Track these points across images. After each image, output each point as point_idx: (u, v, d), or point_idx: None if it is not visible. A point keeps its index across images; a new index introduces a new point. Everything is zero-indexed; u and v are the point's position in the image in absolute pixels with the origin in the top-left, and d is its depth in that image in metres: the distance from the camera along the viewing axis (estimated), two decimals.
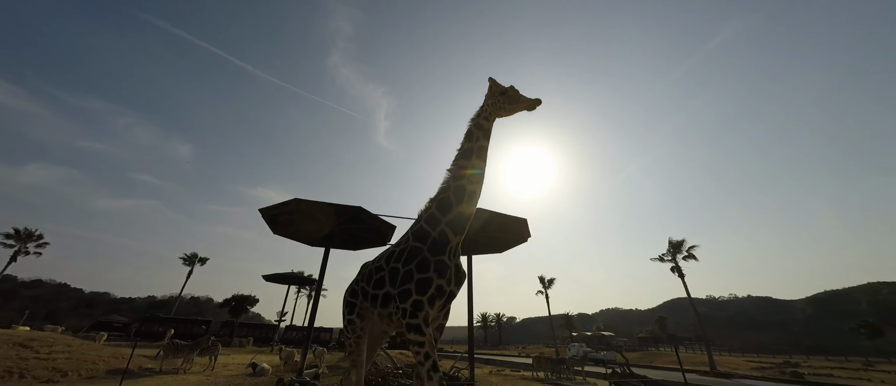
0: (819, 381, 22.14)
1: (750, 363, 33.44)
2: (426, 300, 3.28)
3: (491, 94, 4.32)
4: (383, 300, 3.75)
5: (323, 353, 16.46)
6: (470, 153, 4.04)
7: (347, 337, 4.27)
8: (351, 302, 4.27)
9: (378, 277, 3.90)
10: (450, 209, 3.79)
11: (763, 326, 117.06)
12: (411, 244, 3.77)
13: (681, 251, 33.92)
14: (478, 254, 14.11)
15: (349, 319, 4.18)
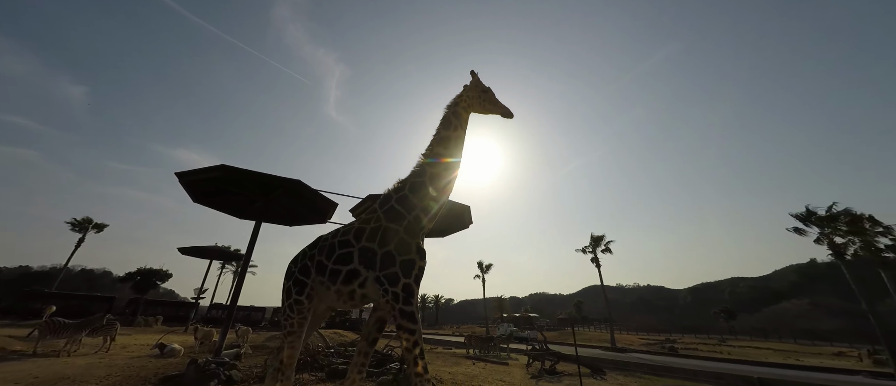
0: (687, 353, 27.56)
1: (641, 340, 40.05)
2: (413, 281, 3.35)
3: (473, 88, 4.33)
4: (347, 277, 3.56)
5: (247, 332, 15.43)
6: (447, 141, 4.05)
7: (290, 317, 3.76)
8: (301, 281, 3.76)
9: (343, 252, 3.64)
10: (425, 195, 3.82)
11: (655, 310, 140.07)
12: (385, 224, 3.67)
13: (600, 245, 38.54)
14: (432, 237, 14.34)
15: (296, 300, 3.71)
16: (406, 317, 3.17)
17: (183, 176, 8.56)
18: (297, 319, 3.72)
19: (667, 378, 15.86)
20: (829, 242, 24.66)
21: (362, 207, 10.99)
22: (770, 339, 46.33)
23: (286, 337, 3.80)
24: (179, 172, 8.50)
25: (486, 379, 10.46)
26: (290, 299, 3.75)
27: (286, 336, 3.80)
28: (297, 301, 3.70)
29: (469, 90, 4.34)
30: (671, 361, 21.36)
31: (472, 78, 4.46)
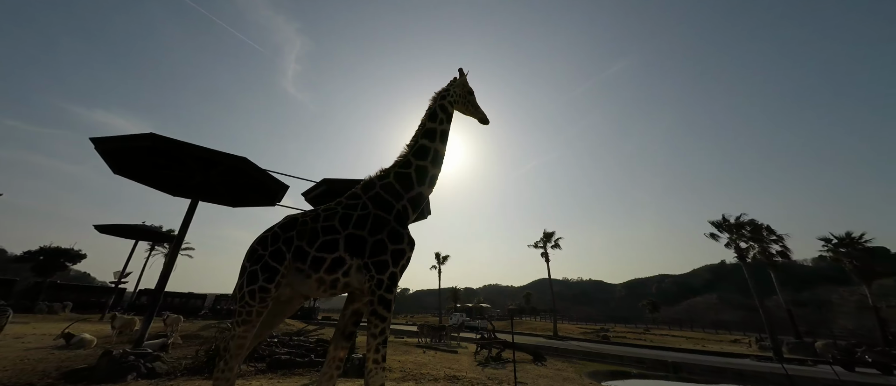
0: (617, 341, 30.63)
1: (580, 329, 43.62)
2: (399, 272, 3.36)
3: (460, 86, 4.34)
4: (332, 265, 3.35)
5: (177, 321, 14.10)
6: (434, 135, 3.99)
7: (249, 305, 3.31)
8: (272, 267, 3.35)
9: (328, 238, 3.41)
10: (411, 187, 3.76)
11: (594, 302, 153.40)
12: (374, 212, 3.56)
13: (550, 241, 41.00)
14: None
15: (262, 286, 3.29)
16: (384, 304, 3.19)
17: (101, 143, 7.44)
18: (257, 308, 3.33)
19: (598, 363, 17.53)
20: (735, 246, 28.77)
21: (317, 191, 10.50)
22: (685, 328, 53.17)
23: (239, 326, 3.35)
24: (97, 138, 7.37)
25: (435, 367, 10.71)
26: (254, 285, 3.31)
27: (239, 325, 3.35)
28: (263, 288, 3.30)
29: (456, 86, 4.33)
30: (603, 348, 23.59)
31: (460, 75, 4.46)
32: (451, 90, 4.29)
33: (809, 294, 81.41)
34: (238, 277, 3.53)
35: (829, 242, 29.86)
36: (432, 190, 3.97)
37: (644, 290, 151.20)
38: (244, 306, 3.33)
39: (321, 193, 10.60)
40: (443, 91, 4.28)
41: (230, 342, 3.39)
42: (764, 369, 15.58)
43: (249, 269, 3.42)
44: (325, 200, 11.67)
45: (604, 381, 13.54)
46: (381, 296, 3.21)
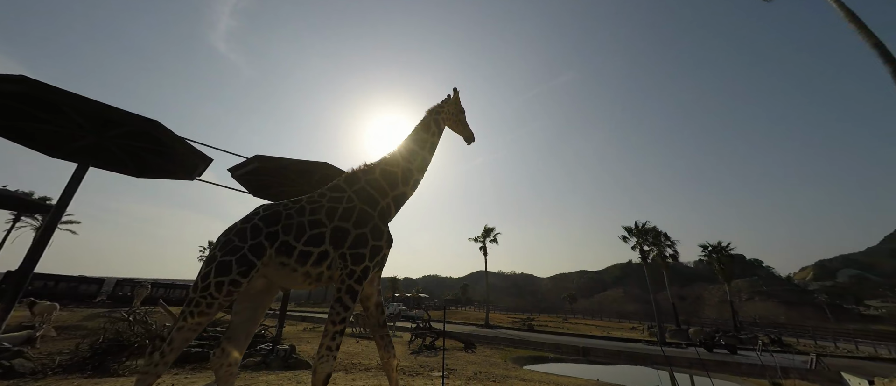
0: (540, 329, 33.75)
1: (509, 318, 47.02)
2: (372, 266, 3.44)
3: (453, 104, 4.68)
4: (318, 258, 3.35)
5: (51, 309, 11.68)
6: (424, 144, 4.27)
7: (213, 297, 3.05)
8: (249, 260, 3.16)
9: (315, 232, 3.40)
10: (396, 186, 3.93)
11: (524, 294, 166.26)
12: (359, 206, 3.65)
13: (490, 236, 43.16)
14: None
15: (234, 280, 3.07)
16: (350, 294, 3.26)
17: None
18: (220, 300, 3.08)
19: (522, 349, 19.14)
20: (640, 249, 33.64)
21: (246, 168, 9.53)
22: (596, 318, 60.79)
23: (194, 316, 3.06)
24: None
25: (367, 356, 10.62)
26: (224, 276, 3.07)
27: (195, 315, 3.06)
28: (235, 282, 3.08)
29: (450, 104, 4.65)
30: (528, 336, 25.79)
31: (454, 95, 4.77)
32: (446, 108, 4.61)
33: (690, 290, 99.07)
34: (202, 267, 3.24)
35: (706, 248, 36.63)
36: (414, 192, 4.16)
37: (567, 283, 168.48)
38: (205, 297, 3.06)
39: (251, 171, 9.64)
40: (438, 107, 4.59)
41: (174, 333, 3.05)
42: (649, 351, 18.65)
43: (221, 259, 3.17)
44: (256, 179, 10.63)
45: (525, 364, 14.86)
46: (350, 285, 3.27)
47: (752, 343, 21.76)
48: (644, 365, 16.67)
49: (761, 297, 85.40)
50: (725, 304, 37.68)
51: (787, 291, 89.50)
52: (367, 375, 7.94)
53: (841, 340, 29.15)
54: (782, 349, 23.40)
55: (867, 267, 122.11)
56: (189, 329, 3.11)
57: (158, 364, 2.98)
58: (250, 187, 11.06)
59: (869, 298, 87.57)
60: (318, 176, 10.13)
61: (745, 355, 19.05)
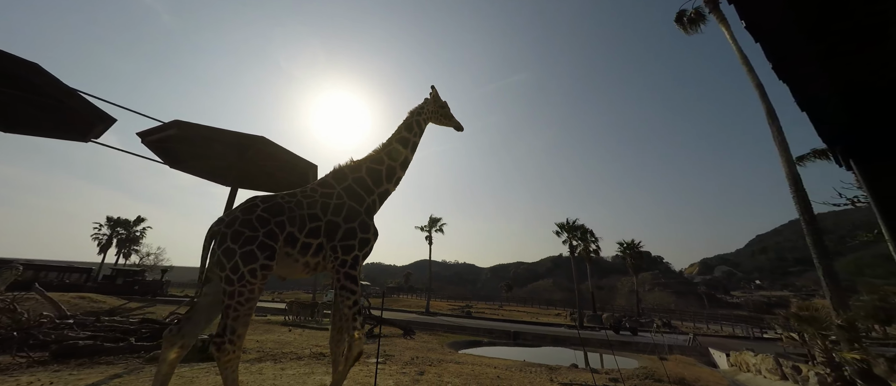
0: (478, 315, 35.59)
1: (449, 306, 48.63)
2: (362, 256, 3.84)
3: (433, 102, 4.92)
4: (317, 250, 3.74)
5: None
6: (407, 143, 4.59)
7: (251, 284, 3.37)
8: (269, 245, 3.49)
9: (314, 225, 3.77)
10: (380, 184, 4.29)
11: (465, 283, 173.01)
12: (348, 203, 3.99)
13: (436, 226, 43.82)
14: (249, 188, 12.17)
15: (263, 264, 3.42)
16: (350, 279, 3.65)
17: None
18: (259, 285, 3.45)
19: (458, 334, 20.04)
20: (569, 243, 37.21)
21: (162, 134, 8.32)
22: (527, 305, 65.99)
23: (243, 304, 3.38)
24: None
25: (300, 345, 10.17)
26: (254, 263, 3.39)
27: (244, 304, 3.38)
28: (265, 266, 3.44)
29: (429, 104, 4.92)
30: (465, 322, 27.03)
31: (432, 92, 4.98)
32: (426, 108, 4.88)
33: (607, 281, 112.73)
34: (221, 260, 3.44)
35: (622, 245, 41.95)
36: (396, 189, 4.52)
37: (505, 273, 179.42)
38: (245, 285, 3.37)
39: (168, 138, 8.42)
40: (418, 108, 4.87)
41: (233, 323, 3.33)
42: (570, 334, 20.96)
43: (242, 250, 3.42)
44: (174, 149, 9.31)
45: (461, 349, 15.60)
46: (347, 272, 3.66)
47: (650, 326, 25.76)
48: (564, 346, 18.69)
49: (660, 287, 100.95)
50: (633, 293, 43.77)
51: (679, 283, 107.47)
52: (298, 363, 7.65)
53: (712, 322, 36.12)
54: (671, 331, 28.08)
55: (735, 265, 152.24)
56: (244, 315, 3.40)
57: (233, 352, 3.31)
58: (166, 157, 9.66)
59: (734, 289, 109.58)
60: (253, 152, 9.25)
61: (643, 336, 22.47)
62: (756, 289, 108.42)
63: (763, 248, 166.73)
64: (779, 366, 10.81)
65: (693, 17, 18.51)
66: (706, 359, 15.57)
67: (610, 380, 8.48)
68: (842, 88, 0.89)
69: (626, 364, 12.50)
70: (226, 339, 3.29)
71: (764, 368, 11.39)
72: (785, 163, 13.73)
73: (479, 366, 9.32)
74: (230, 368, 3.31)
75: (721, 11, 16.67)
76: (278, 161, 10.05)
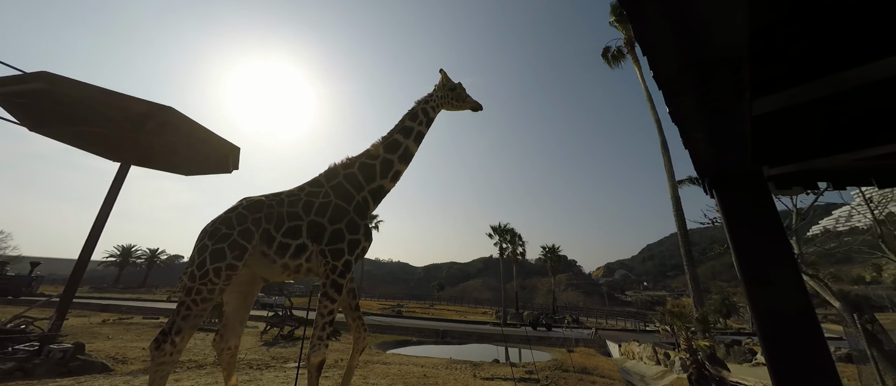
0: (408, 315, 35.55)
1: (380, 305, 47.58)
2: (354, 259, 3.54)
3: (441, 87, 4.45)
4: (296, 251, 3.50)
5: None
6: (409, 133, 4.13)
7: (213, 283, 3.27)
8: (241, 244, 3.40)
9: (292, 225, 3.55)
10: (374, 180, 3.91)
11: (398, 282, 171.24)
12: (335, 201, 3.71)
13: (372, 223, 42.54)
14: (146, 166, 10.22)
15: (230, 264, 3.32)
16: (335, 288, 3.40)
17: None
18: (221, 286, 3.32)
19: (388, 334, 19.73)
20: (500, 245, 39.62)
21: (22, 86, 6.55)
22: (457, 304, 68.19)
23: (198, 304, 3.27)
24: None
25: (201, 351, 8.89)
26: (221, 262, 3.30)
27: (199, 303, 3.27)
28: (231, 266, 3.32)
29: (438, 90, 4.48)
30: (395, 321, 26.73)
31: (441, 77, 4.54)
32: (434, 94, 4.46)
33: (530, 281, 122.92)
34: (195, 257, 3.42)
35: (545, 249, 46.22)
36: (395, 184, 4.09)
37: (438, 273, 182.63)
38: (206, 284, 3.28)
39: (32, 93, 6.63)
40: (427, 96, 4.47)
41: (181, 322, 3.23)
42: (494, 331, 22.29)
43: (214, 247, 3.37)
44: (38, 108, 7.38)
45: (389, 349, 15.38)
46: (334, 280, 3.41)
47: (562, 322, 28.84)
48: (489, 343, 19.79)
49: (572, 288, 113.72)
50: (550, 292, 48.33)
51: (587, 284, 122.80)
52: (199, 372, 6.68)
53: (610, 318, 42.10)
54: (578, 326, 31.84)
55: (630, 268, 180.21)
56: (195, 316, 3.30)
57: (172, 352, 3.18)
58: (27, 117, 7.63)
59: (628, 289, 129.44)
60: (154, 123, 7.81)
61: (556, 331, 25.03)
62: (644, 289, 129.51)
63: (651, 255, 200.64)
64: (655, 353, 13.08)
65: (615, 54, 21.41)
66: (604, 350, 18.05)
67: (526, 373, 9.25)
68: (711, 135, 1.12)
69: (541, 357, 13.79)
70: (169, 338, 3.18)
71: (645, 355, 13.67)
72: (671, 186, 16.77)
73: (406, 365, 9.32)
74: (161, 373, 3.14)
75: (636, 54, 19.60)
76: (189, 138, 8.65)
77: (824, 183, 2.02)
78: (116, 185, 8.14)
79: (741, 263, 1.39)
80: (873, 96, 1.41)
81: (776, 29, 1.07)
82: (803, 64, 1.19)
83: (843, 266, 71.26)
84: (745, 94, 0.92)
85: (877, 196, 15.31)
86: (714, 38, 0.77)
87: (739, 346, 14.97)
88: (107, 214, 7.99)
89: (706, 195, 1.71)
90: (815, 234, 16.75)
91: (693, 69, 0.85)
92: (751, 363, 12.94)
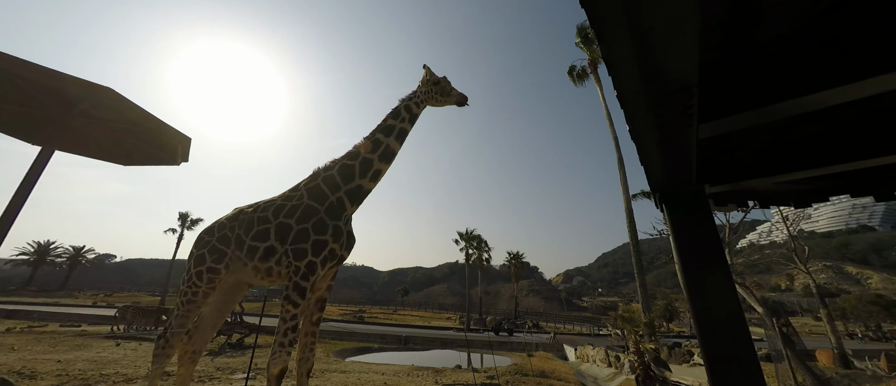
0: (370, 321, 34.56)
1: (340, 311, 45.79)
2: (319, 262, 3.40)
3: (424, 83, 4.33)
4: (264, 254, 3.54)
5: None
6: (391, 131, 4.02)
7: (197, 285, 3.58)
8: (220, 249, 3.66)
9: (261, 228, 3.62)
10: (352, 180, 3.81)
11: (361, 287, 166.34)
12: (306, 202, 3.68)
13: None
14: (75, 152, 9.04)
15: (210, 267, 3.60)
16: (297, 290, 3.27)
17: None
18: (204, 288, 3.62)
19: (347, 341, 19.01)
20: (466, 251, 40.02)
21: None
22: (422, 309, 67.58)
23: (184, 305, 3.65)
24: None
25: (130, 364, 7.96)
26: (202, 266, 3.64)
27: (184, 304, 3.64)
28: (212, 269, 3.62)
29: (421, 85, 4.36)
30: (356, 328, 25.87)
31: (425, 72, 4.44)
32: (418, 91, 4.33)
33: (494, 287, 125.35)
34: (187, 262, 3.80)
35: (510, 255, 47.46)
36: (376, 184, 3.97)
37: (403, 277, 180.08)
38: (191, 286, 3.62)
39: None
40: (411, 93, 4.36)
41: (173, 320, 3.64)
42: (456, 337, 22.37)
43: (197, 253, 3.72)
44: None
45: (348, 357, 14.81)
46: (296, 282, 3.29)
47: (523, 327, 29.64)
48: (452, 348, 19.79)
49: (534, 293, 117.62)
50: (513, 298, 49.59)
51: (548, 290, 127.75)
52: None
53: (568, 323, 44.05)
54: (539, 331, 32.93)
55: (587, 275, 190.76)
56: (183, 315, 3.64)
57: (165, 347, 3.59)
58: None
59: (585, 295, 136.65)
60: (89, 105, 6.95)
61: (517, 336, 25.66)
62: (599, 295, 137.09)
63: (606, 263, 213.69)
64: (607, 356, 13.86)
65: (580, 73, 22.75)
66: (561, 354, 18.79)
67: (488, 378, 9.36)
68: (664, 154, 1.21)
69: (502, 362, 14.04)
70: (165, 336, 3.63)
71: (598, 358, 14.43)
72: (625, 200, 18.04)
73: (366, 373, 9.03)
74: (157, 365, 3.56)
75: (598, 75, 20.97)
76: (130, 124, 7.79)
77: (752, 202, 2.28)
78: (34, 171, 7.09)
79: (684, 272, 1.52)
80: (792, 128, 1.62)
81: (720, 64, 1.20)
82: (739, 96, 1.35)
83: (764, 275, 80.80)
84: (694, 118, 1.01)
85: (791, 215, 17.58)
86: (669, 67, 0.85)
87: (680, 348, 16.34)
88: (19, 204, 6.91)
89: (657, 209, 1.86)
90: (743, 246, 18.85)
91: (651, 92, 0.92)
92: (689, 364, 14.15)
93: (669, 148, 1.25)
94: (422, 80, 4.42)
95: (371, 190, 3.99)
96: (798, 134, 1.68)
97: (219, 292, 3.97)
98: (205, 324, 3.98)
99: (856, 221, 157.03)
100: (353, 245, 3.85)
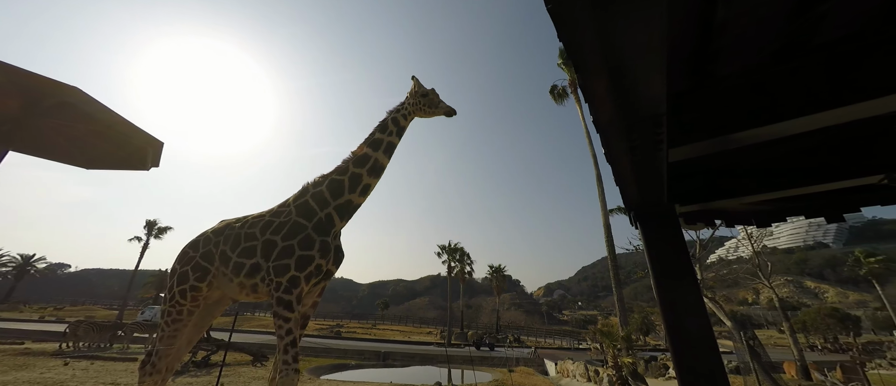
0: (348, 336, 33.41)
1: (316, 325, 44.07)
2: (303, 277, 3.34)
3: (413, 94, 4.30)
4: (250, 270, 3.47)
5: None
6: (378, 145, 3.98)
7: (180, 304, 3.54)
8: (203, 266, 3.59)
9: (248, 245, 3.56)
10: (341, 195, 3.77)
11: (339, 299, 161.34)
12: (294, 218, 3.64)
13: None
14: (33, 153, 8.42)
15: (193, 285, 3.52)
16: (283, 305, 3.22)
17: None
18: (188, 306, 3.59)
19: (323, 358, 18.24)
20: (448, 264, 39.78)
21: None
22: (402, 323, 66.11)
23: (170, 324, 3.59)
24: None
25: (78, 383, 7.30)
26: (185, 284, 3.57)
27: (170, 323, 3.59)
28: (194, 287, 3.55)
29: (409, 97, 4.34)
30: (333, 343, 24.93)
31: (413, 83, 4.42)
32: (406, 103, 4.31)
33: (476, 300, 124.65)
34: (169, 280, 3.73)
35: (492, 268, 47.51)
36: (365, 199, 3.95)
37: (384, 290, 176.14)
38: (174, 305, 3.56)
39: None
40: (398, 105, 4.34)
41: (159, 342, 3.57)
42: (437, 352, 21.93)
43: (180, 270, 3.65)
44: None
45: (324, 374, 14.19)
46: (279, 297, 3.24)
47: (504, 341, 29.49)
48: (432, 365, 19.35)
49: (515, 307, 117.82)
50: (495, 312, 49.39)
51: (529, 303, 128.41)
52: None
53: (549, 337, 44.23)
54: (520, 345, 32.83)
55: (568, 289, 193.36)
56: (169, 335, 3.60)
57: (152, 373, 3.52)
58: None
59: (565, 309, 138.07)
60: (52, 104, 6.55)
61: (499, 351, 25.46)
62: (578, 309, 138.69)
63: (585, 276, 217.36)
64: (586, 370, 13.96)
65: (561, 92, 23.66)
66: (542, 369, 18.75)
67: None
68: (637, 175, 1.29)
69: (483, 378, 13.85)
70: (149, 360, 3.47)
71: (577, 373, 14.50)
72: (603, 215, 18.61)
73: None
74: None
75: (578, 95, 21.87)
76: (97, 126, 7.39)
77: (719, 221, 2.42)
78: None
79: (657, 286, 1.59)
80: (754, 155, 1.76)
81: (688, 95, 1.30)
82: (705, 124, 1.46)
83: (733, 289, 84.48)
84: (663, 144, 1.09)
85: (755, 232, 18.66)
86: (640, 96, 0.92)
87: (656, 361, 16.70)
88: None
89: (632, 226, 1.95)
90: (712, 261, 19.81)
91: (624, 119, 0.99)
92: (664, 377, 14.46)
93: (642, 171, 1.33)
94: (410, 91, 4.41)
95: (361, 204, 3.97)
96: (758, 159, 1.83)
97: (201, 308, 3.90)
98: (181, 341, 3.84)
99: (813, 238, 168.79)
100: (341, 260, 3.79)
